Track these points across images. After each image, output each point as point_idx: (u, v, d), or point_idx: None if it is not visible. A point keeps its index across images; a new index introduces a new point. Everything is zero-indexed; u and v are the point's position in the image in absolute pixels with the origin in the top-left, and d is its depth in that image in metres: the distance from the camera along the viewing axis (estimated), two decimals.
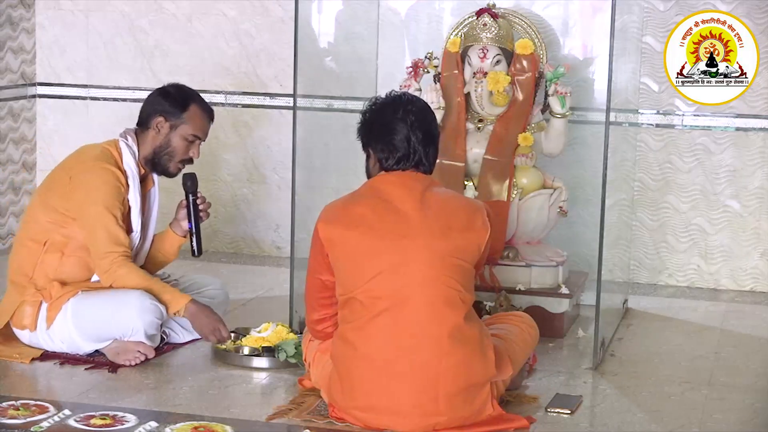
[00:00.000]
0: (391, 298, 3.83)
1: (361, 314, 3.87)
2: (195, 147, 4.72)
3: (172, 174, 4.76)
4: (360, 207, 3.94)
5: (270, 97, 6.45)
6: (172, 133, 4.68)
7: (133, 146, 4.67)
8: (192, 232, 4.79)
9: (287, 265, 5.10)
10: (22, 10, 6.59)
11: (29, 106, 6.71)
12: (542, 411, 4.16)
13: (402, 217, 3.88)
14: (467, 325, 3.87)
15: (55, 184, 4.64)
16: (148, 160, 4.70)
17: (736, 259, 6.01)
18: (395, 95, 4.07)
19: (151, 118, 4.69)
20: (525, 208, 5.17)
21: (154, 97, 4.74)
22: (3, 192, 6.53)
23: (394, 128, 3.94)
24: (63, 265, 4.59)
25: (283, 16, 6.28)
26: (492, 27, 5.24)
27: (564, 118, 5.23)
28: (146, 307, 4.50)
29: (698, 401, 4.35)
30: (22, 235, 4.70)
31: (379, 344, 3.84)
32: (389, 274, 3.83)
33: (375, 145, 4.00)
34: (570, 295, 5.15)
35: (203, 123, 4.73)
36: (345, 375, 3.91)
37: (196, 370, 4.54)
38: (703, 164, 5.98)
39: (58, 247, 4.58)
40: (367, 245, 3.86)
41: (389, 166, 3.96)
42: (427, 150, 3.97)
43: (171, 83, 4.85)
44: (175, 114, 4.67)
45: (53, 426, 3.87)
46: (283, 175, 6.36)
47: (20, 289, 4.60)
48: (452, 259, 3.87)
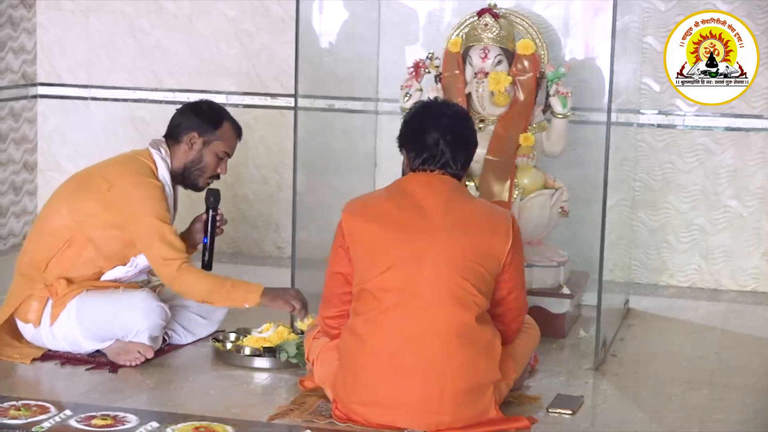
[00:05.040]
0: (403, 292, 3.84)
1: (372, 306, 3.88)
2: (224, 163, 4.79)
3: (201, 188, 4.81)
4: (383, 202, 3.98)
5: (271, 97, 6.45)
6: (205, 149, 4.72)
7: (167, 158, 4.70)
8: (206, 247, 4.81)
9: (288, 265, 5.09)
10: (23, 11, 6.59)
11: (30, 106, 6.71)
12: (543, 411, 4.16)
13: (423, 214, 3.90)
14: (479, 326, 3.87)
15: (90, 189, 4.63)
16: (177, 173, 4.73)
17: (737, 259, 6.01)
18: (434, 101, 4.13)
19: (183, 133, 4.72)
20: (526, 208, 5.17)
21: (187, 113, 4.77)
22: (4, 192, 6.53)
23: (425, 128, 3.97)
24: (77, 265, 4.60)
25: (284, 16, 6.28)
26: (493, 27, 5.24)
27: (565, 118, 5.23)
28: (151, 308, 4.52)
29: (699, 401, 4.35)
30: (39, 230, 4.69)
31: (387, 338, 3.85)
32: (402, 267, 3.85)
33: (407, 145, 4.03)
34: (571, 295, 5.15)
35: (234, 140, 4.80)
36: (350, 368, 3.91)
37: (197, 370, 4.55)
38: (704, 164, 5.98)
39: (78, 246, 4.59)
40: (384, 237, 3.88)
41: (416, 166, 3.99)
42: (456, 154, 3.97)
43: (202, 99, 4.95)
44: (209, 131, 4.72)
45: (54, 426, 3.87)
46: (283, 176, 6.37)
47: (29, 282, 4.61)
48: (469, 262, 3.86)
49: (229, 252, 6.53)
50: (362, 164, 5.98)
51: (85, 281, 4.60)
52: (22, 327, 4.63)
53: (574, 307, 5.26)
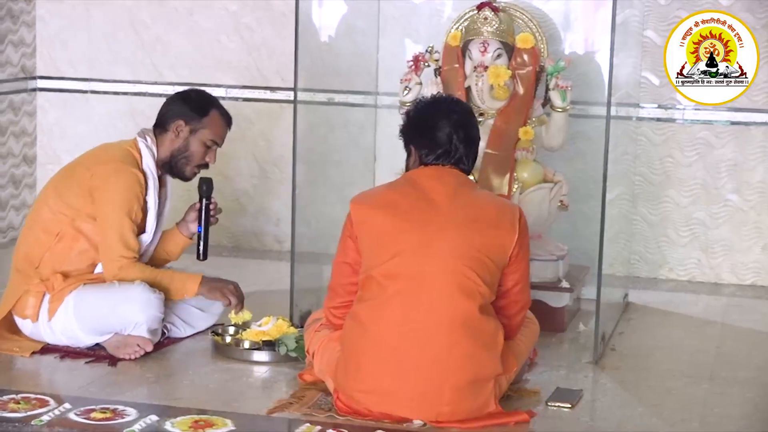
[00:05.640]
0: (408, 279, 3.85)
1: (376, 293, 3.88)
2: (212, 152, 4.76)
3: (188, 178, 4.79)
4: (392, 192, 4.01)
5: (271, 90, 6.44)
6: (191, 138, 4.71)
7: (152, 147, 4.69)
8: (200, 236, 4.81)
9: (288, 259, 5.09)
10: (23, 3, 6.58)
11: (30, 99, 6.70)
12: (543, 405, 4.16)
13: (431, 205, 3.91)
14: (482, 317, 3.88)
15: (73, 179, 4.64)
16: (165, 162, 4.72)
17: (737, 253, 6.01)
18: (441, 96, 4.16)
19: (170, 121, 4.71)
20: (525, 202, 5.16)
21: (175, 101, 4.76)
22: (3, 185, 6.53)
23: (437, 125, 3.98)
24: (70, 258, 4.60)
25: (285, 10, 6.27)
26: (493, 21, 5.24)
27: (565, 112, 5.23)
28: (149, 301, 4.51)
29: (699, 395, 4.35)
30: (31, 224, 4.70)
31: (390, 325, 3.86)
32: (409, 255, 3.86)
33: (417, 141, 4.03)
34: (571, 289, 5.15)
35: (222, 129, 4.77)
36: (352, 356, 3.92)
37: (197, 363, 4.55)
38: (704, 158, 5.98)
39: (69, 239, 4.59)
40: (392, 225, 3.89)
41: (429, 162, 4.00)
42: (469, 150, 4.01)
43: (191, 88, 4.95)
44: (195, 119, 4.70)
45: (54, 419, 3.87)
46: (283, 169, 6.36)
47: (25, 278, 4.61)
48: (475, 252, 3.87)
49: (230, 246, 6.53)
50: (362, 158, 5.97)
51: (81, 275, 4.60)
52: (20, 323, 4.62)
53: (574, 300, 5.27)
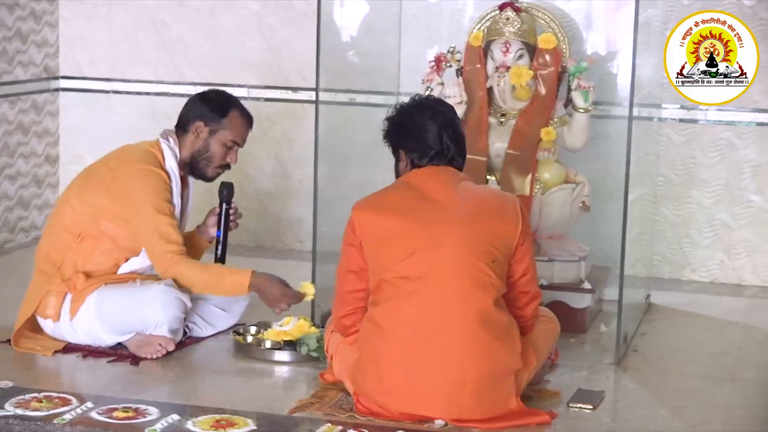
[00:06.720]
0: (422, 278, 3.85)
1: (391, 295, 3.89)
2: (233, 153, 4.75)
3: (210, 178, 4.79)
4: (392, 195, 4.02)
5: (292, 91, 6.45)
6: (211, 138, 4.71)
7: (174, 148, 4.70)
8: (218, 241, 4.81)
9: (309, 258, 5.09)
10: (45, 4, 6.61)
11: (52, 99, 6.73)
12: (564, 406, 4.15)
13: (434, 203, 3.93)
14: (496, 310, 3.89)
15: (96, 179, 4.65)
16: (186, 163, 4.73)
17: (759, 254, 5.98)
18: (420, 98, 4.15)
19: (190, 122, 4.71)
20: (547, 202, 5.16)
21: (195, 102, 4.77)
22: (26, 185, 6.55)
23: (425, 127, 4.00)
24: (93, 258, 4.61)
25: (306, 10, 6.28)
26: (515, 21, 5.23)
27: (587, 112, 5.22)
28: (170, 301, 4.51)
29: (721, 397, 4.34)
30: (53, 224, 4.72)
31: (407, 325, 3.86)
32: (420, 254, 3.86)
33: (407, 145, 4.04)
34: (592, 290, 5.14)
35: (242, 129, 4.76)
36: (370, 358, 3.92)
37: (218, 363, 4.55)
38: (726, 159, 5.96)
39: (91, 239, 4.60)
40: (398, 228, 3.90)
41: (422, 165, 4.01)
42: (458, 147, 4.04)
43: (212, 88, 4.93)
44: (215, 119, 4.70)
45: (76, 418, 3.88)
46: (305, 169, 6.36)
47: (47, 278, 4.62)
48: (483, 244, 3.88)
49: (251, 246, 6.54)
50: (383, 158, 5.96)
51: (104, 275, 4.61)
52: (42, 323, 4.64)
53: (596, 301, 5.25)
